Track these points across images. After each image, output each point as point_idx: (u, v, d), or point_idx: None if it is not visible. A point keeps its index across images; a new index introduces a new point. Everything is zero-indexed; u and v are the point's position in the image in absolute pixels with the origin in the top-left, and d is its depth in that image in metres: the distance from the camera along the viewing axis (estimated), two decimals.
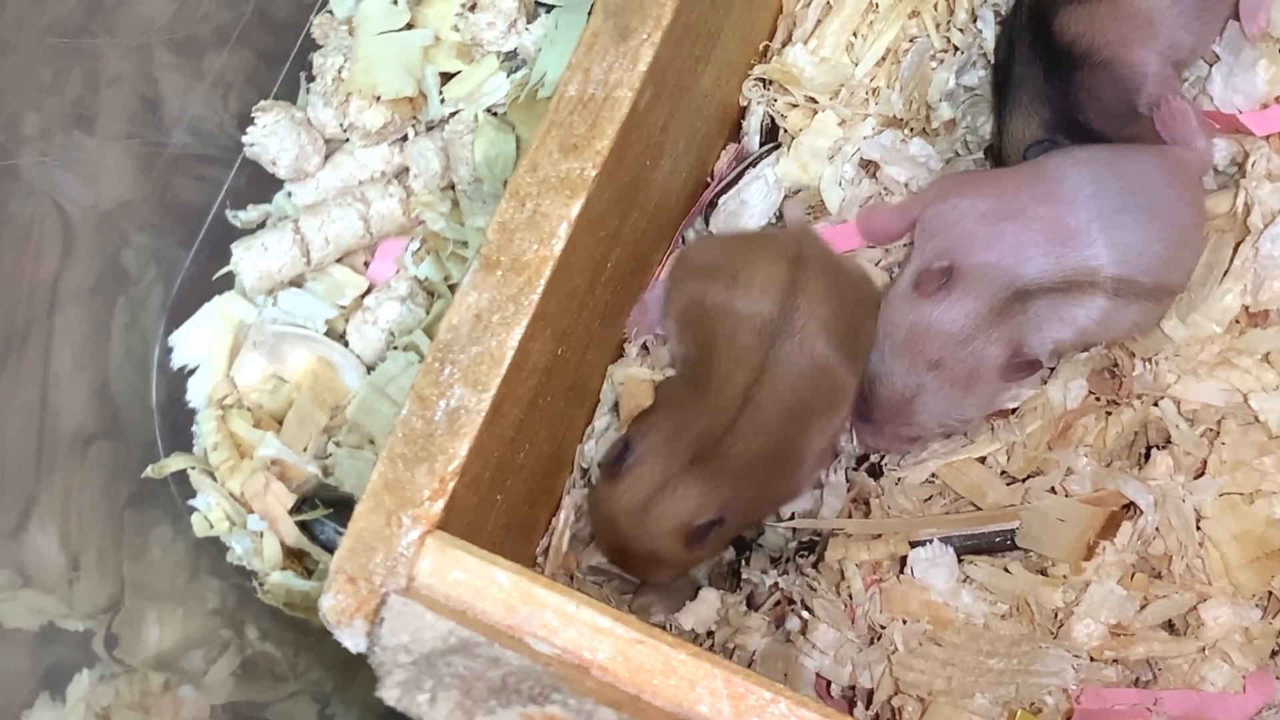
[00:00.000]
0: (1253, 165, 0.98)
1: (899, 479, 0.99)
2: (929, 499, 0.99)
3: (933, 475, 0.99)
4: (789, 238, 1.00)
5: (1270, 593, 0.94)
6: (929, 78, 1.07)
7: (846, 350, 0.94)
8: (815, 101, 1.07)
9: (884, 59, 1.08)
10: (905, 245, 1.04)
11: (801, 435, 0.94)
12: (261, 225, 1.18)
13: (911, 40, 1.08)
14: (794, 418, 0.93)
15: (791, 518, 1.00)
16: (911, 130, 1.07)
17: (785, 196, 1.07)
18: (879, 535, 0.97)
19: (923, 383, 0.93)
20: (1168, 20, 0.97)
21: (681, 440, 0.92)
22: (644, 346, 1.05)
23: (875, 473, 1.01)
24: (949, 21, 1.08)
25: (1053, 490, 0.96)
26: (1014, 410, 0.99)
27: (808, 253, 0.96)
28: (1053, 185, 0.94)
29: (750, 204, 1.07)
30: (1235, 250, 0.98)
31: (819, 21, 1.09)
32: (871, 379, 0.95)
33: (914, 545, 0.96)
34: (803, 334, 0.92)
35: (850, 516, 0.99)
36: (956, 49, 1.08)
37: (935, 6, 1.08)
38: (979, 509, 0.97)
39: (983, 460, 0.99)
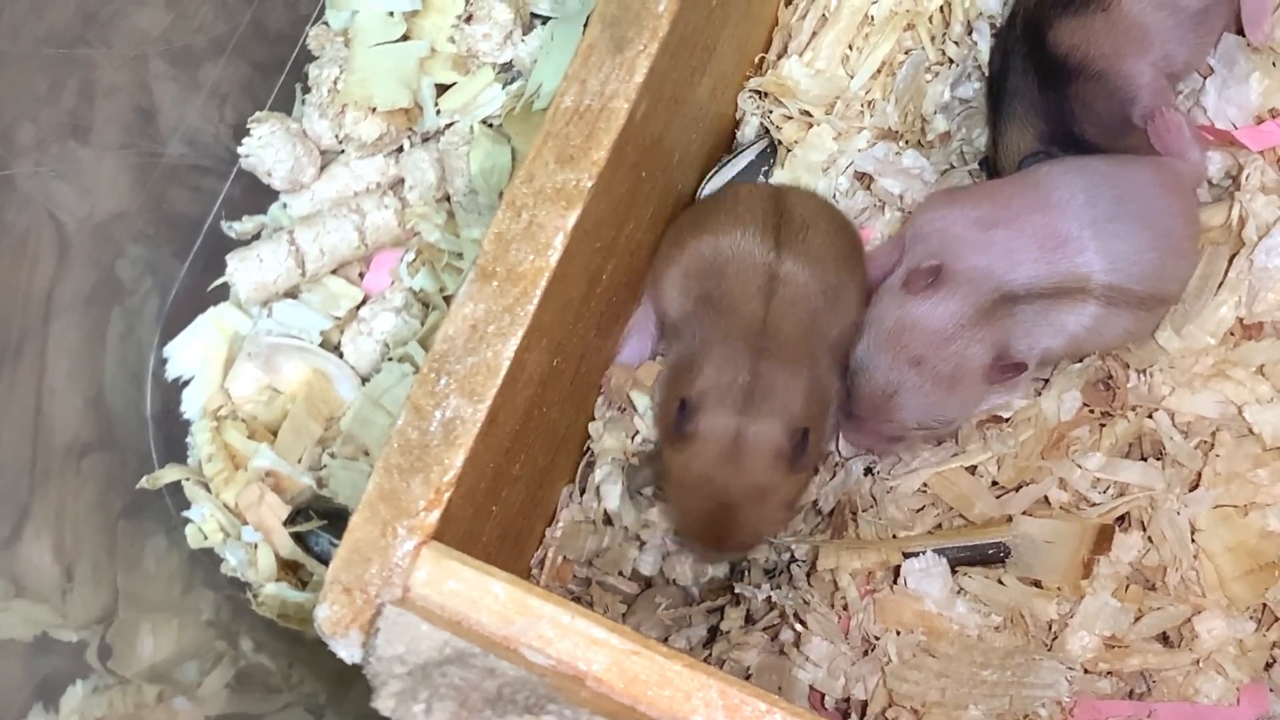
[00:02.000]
0: (1247, 178, 0.99)
1: (890, 488, 0.99)
2: (921, 509, 0.99)
3: (924, 485, 0.99)
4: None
5: (1264, 605, 0.94)
6: (924, 90, 1.08)
7: (840, 250, 0.97)
8: (810, 114, 1.07)
9: (879, 71, 1.08)
10: None
11: (829, 329, 0.95)
12: (257, 236, 1.18)
13: (907, 53, 1.08)
14: (811, 317, 0.94)
15: (783, 531, 1.01)
16: (906, 142, 1.07)
17: None
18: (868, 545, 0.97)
19: (903, 379, 0.93)
20: (1162, 33, 0.97)
21: (734, 355, 0.92)
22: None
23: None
24: (944, 34, 1.09)
25: (1046, 500, 0.96)
26: (1007, 420, 0.99)
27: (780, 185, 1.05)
28: (1045, 193, 0.95)
29: None
30: (1230, 262, 0.98)
31: (814, 34, 1.09)
32: (854, 372, 0.96)
33: (907, 555, 0.96)
34: (802, 235, 0.95)
35: (841, 514, 0.99)
36: (951, 61, 1.08)
37: (930, 19, 1.09)
38: (967, 520, 0.98)
39: (973, 470, 0.99)
